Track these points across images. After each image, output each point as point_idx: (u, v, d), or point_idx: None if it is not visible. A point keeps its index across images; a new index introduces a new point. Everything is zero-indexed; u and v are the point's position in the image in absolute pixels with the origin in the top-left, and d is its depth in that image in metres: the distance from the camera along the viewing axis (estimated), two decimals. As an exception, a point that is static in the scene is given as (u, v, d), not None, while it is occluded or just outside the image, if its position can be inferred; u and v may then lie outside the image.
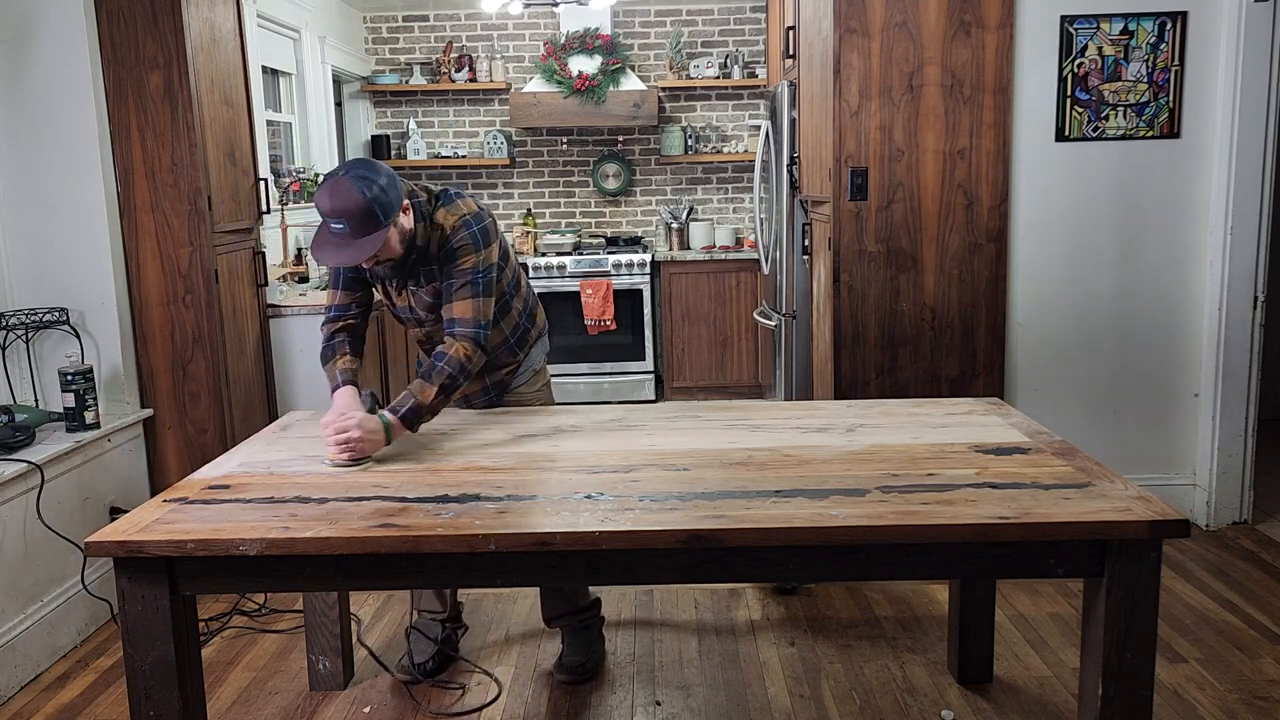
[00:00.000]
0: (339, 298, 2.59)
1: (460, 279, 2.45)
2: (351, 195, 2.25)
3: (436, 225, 2.47)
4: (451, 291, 2.46)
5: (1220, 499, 3.78)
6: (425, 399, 2.35)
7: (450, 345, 2.42)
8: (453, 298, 2.46)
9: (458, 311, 2.45)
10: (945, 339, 3.65)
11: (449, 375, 2.38)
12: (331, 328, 2.58)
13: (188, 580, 1.87)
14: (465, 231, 2.46)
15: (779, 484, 2.03)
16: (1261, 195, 3.62)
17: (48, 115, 3.32)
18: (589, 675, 2.80)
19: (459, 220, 2.46)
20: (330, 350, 2.54)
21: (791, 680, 2.77)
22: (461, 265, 2.45)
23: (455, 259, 2.45)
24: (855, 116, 3.55)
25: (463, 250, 2.45)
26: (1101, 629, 1.84)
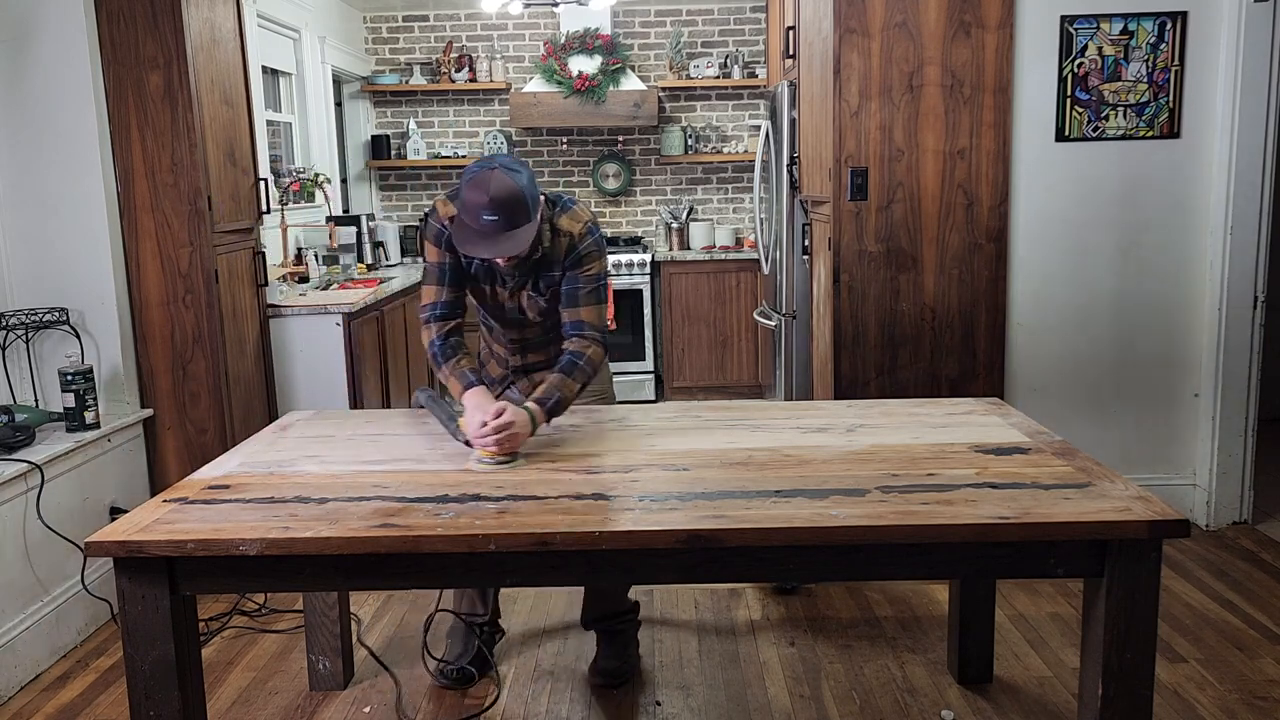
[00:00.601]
0: (445, 294, 2.52)
1: (588, 284, 2.49)
2: (506, 185, 2.23)
3: (562, 231, 2.47)
4: (579, 296, 2.49)
5: (1220, 499, 3.78)
6: (569, 393, 2.39)
7: (586, 346, 2.45)
8: (580, 302, 2.49)
9: (585, 315, 2.49)
10: (945, 339, 3.65)
11: (588, 374, 2.43)
12: (443, 327, 2.51)
13: (188, 580, 1.87)
14: (591, 239, 2.48)
15: (779, 484, 2.03)
16: (1261, 195, 3.62)
17: (48, 115, 3.32)
18: (625, 679, 2.78)
19: (584, 228, 2.48)
20: (450, 350, 2.49)
21: (791, 680, 2.77)
22: (588, 271, 2.49)
23: (582, 265, 2.48)
24: (855, 116, 3.55)
25: (589, 257, 2.48)
26: (1101, 629, 1.84)
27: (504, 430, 2.19)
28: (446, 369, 2.47)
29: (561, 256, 2.48)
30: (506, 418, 2.21)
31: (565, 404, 2.38)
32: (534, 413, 2.29)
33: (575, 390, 2.40)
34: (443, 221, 2.47)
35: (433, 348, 2.50)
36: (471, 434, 2.23)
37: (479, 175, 2.26)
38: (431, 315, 2.53)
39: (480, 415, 2.22)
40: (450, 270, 2.52)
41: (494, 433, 2.18)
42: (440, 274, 2.52)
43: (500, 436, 2.18)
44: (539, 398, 2.34)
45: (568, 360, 2.43)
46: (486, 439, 2.19)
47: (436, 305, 2.52)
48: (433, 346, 2.50)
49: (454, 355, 2.48)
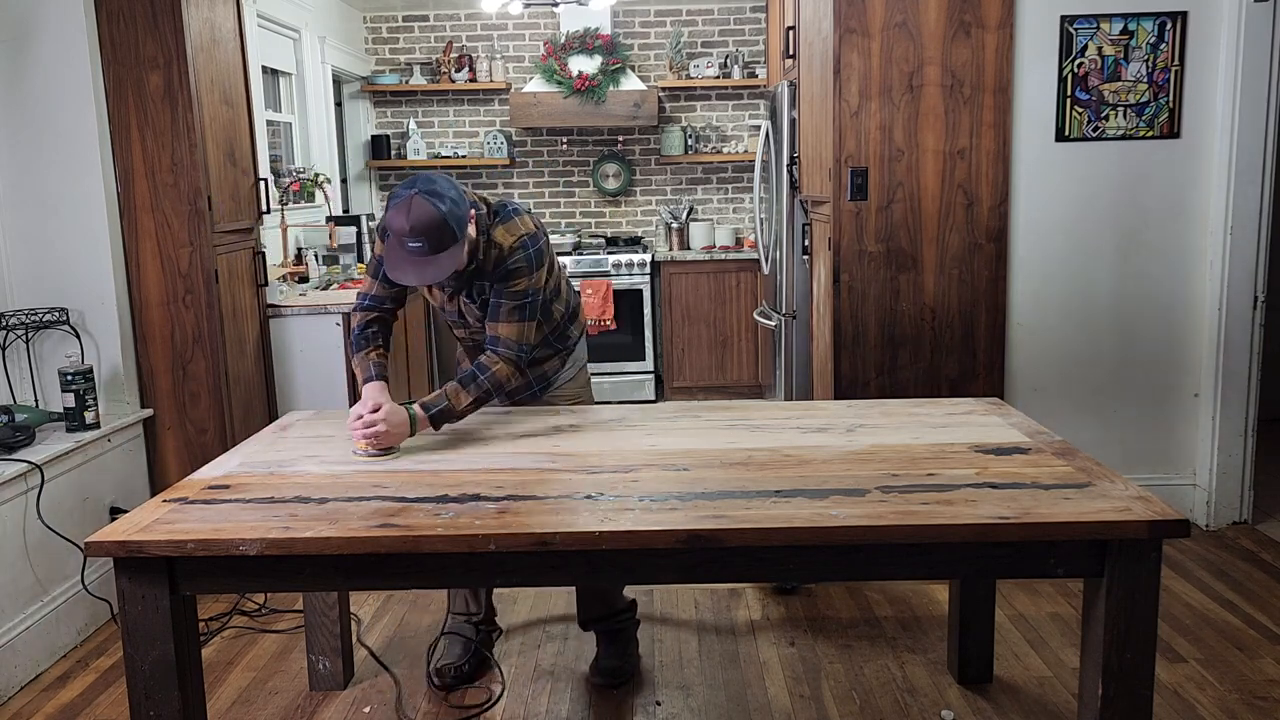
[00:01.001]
0: (377, 288, 2.57)
1: (511, 300, 2.47)
2: (426, 212, 2.25)
3: (495, 243, 2.46)
4: (500, 311, 2.48)
5: (1220, 499, 3.78)
6: (457, 404, 2.41)
7: (494, 362, 2.45)
8: (500, 318, 2.48)
9: (503, 332, 2.48)
10: (945, 339, 3.65)
11: (485, 390, 2.43)
12: (365, 316, 2.58)
13: (188, 580, 1.87)
14: (522, 253, 2.46)
15: (779, 484, 2.03)
16: (1261, 195, 3.62)
17: (48, 115, 3.32)
18: (626, 678, 2.78)
19: (517, 241, 2.47)
20: (364, 341, 2.55)
21: (791, 680, 2.77)
22: (514, 287, 2.47)
23: (509, 280, 2.47)
24: (855, 116, 3.55)
25: (517, 273, 2.46)
26: (1101, 629, 1.84)
27: (372, 427, 2.26)
28: (358, 358, 2.54)
29: (491, 268, 2.48)
30: (378, 415, 2.28)
31: (451, 414, 2.41)
32: (415, 416, 2.34)
33: (465, 403, 2.42)
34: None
35: (354, 334, 2.59)
36: (350, 424, 2.30)
37: (400, 203, 2.28)
38: (359, 305, 2.60)
39: (359, 407, 2.31)
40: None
41: (364, 427, 2.26)
42: (376, 267, 2.57)
43: (369, 433, 2.26)
44: (425, 402, 2.39)
45: (469, 372, 2.45)
46: (357, 432, 2.27)
47: (366, 296, 2.60)
48: (354, 333, 2.59)
49: (367, 346, 2.55)
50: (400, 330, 4.81)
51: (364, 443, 2.28)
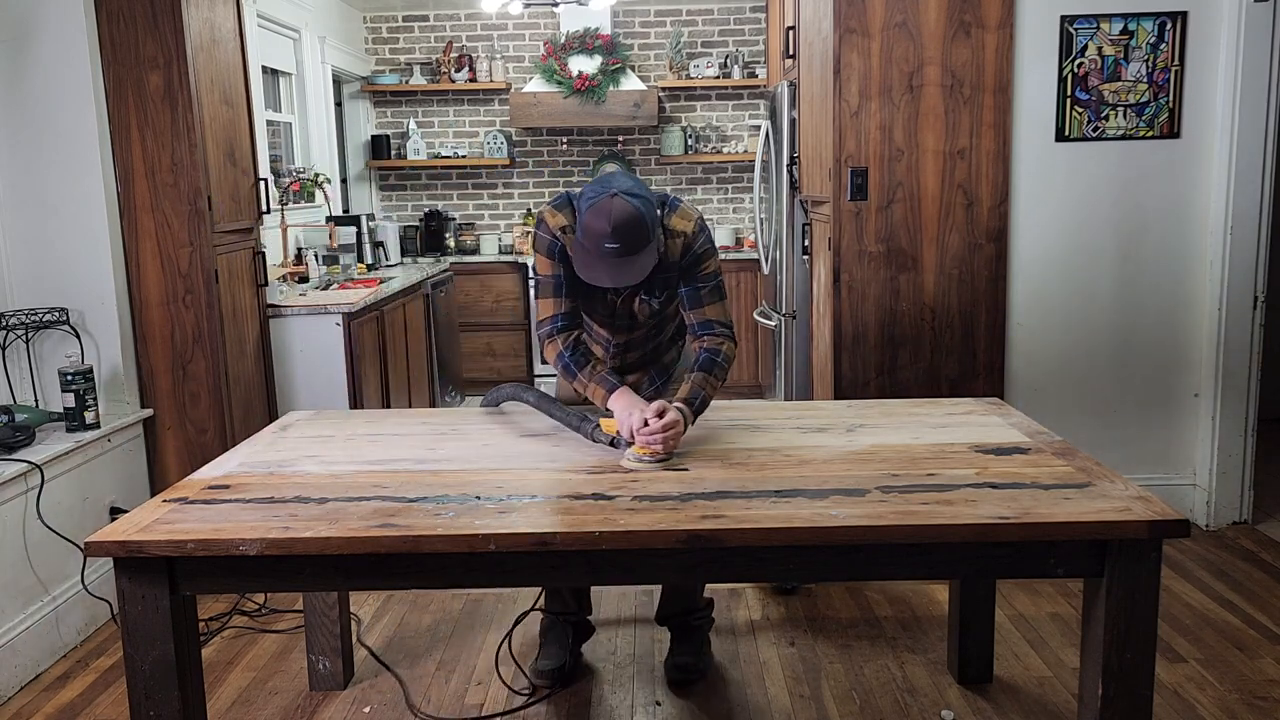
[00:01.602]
0: (565, 305, 2.48)
1: (707, 283, 2.47)
2: (627, 212, 2.22)
3: (675, 232, 2.43)
4: (701, 295, 2.47)
5: (1220, 499, 3.78)
6: (712, 393, 2.39)
7: (720, 342, 2.45)
8: (703, 301, 2.47)
9: (712, 314, 2.47)
10: (945, 339, 3.65)
11: (725, 370, 2.43)
12: (567, 338, 2.47)
13: (188, 580, 1.87)
14: (703, 236, 2.46)
15: (779, 484, 2.03)
16: (1261, 195, 3.62)
17: (48, 115, 3.32)
18: (700, 675, 2.78)
19: (696, 226, 2.45)
20: (581, 359, 2.46)
21: (791, 680, 2.77)
22: (706, 269, 2.46)
23: (700, 263, 2.45)
24: (855, 116, 3.55)
25: (706, 255, 2.46)
26: (1101, 629, 1.84)
27: (671, 429, 2.20)
28: (583, 376, 2.44)
29: (677, 257, 2.44)
30: (671, 417, 2.22)
31: (708, 403, 2.40)
32: (686, 414, 2.30)
33: (716, 388, 2.40)
34: (554, 232, 2.43)
35: (562, 360, 2.47)
36: (634, 432, 2.22)
37: (599, 202, 2.24)
38: (554, 329, 2.49)
39: (640, 414, 2.22)
40: (566, 281, 2.48)
41: (661, 431, 2.19)
42: (556, 286, 2.48)
43: (668, 435, 2.19)
44: (686, 397, 2.34)
45: (706, 358, 2.42)
46: (655, 437, 2.19)
47: (558, 318, 2.49)
48: (562, 359, 2.47)
49: (587, 363, 2.46)
50: (400, 330, 4.82)
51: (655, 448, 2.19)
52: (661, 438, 2.19)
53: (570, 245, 2.39)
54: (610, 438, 2.29)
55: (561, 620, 2.84)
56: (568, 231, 2.40)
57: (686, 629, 2.83)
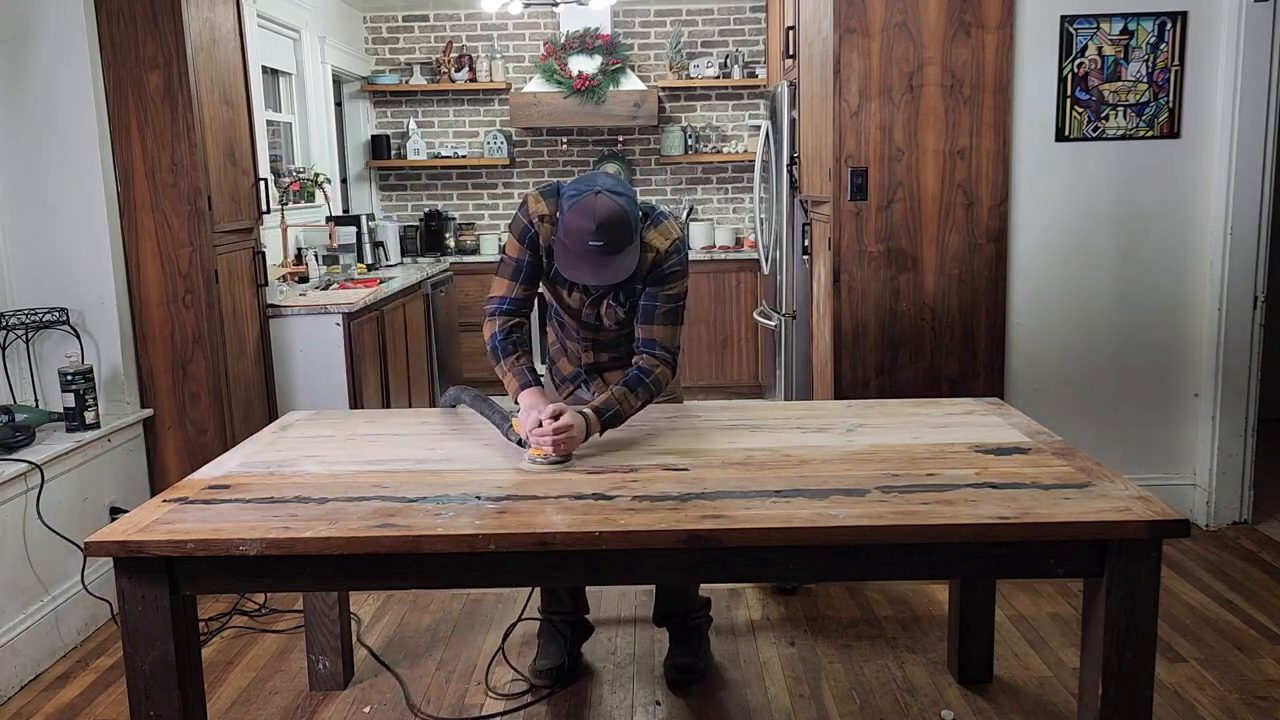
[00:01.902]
0: (517, 290, 2.49)
1: (666, 304, 2.46)
2: (611, 210, 2.23)
3: (650, 246, 2.43)
4: (655, 314, 2.46)
5: (1220, 499, 3.78)
6: (628, 407, 2.37)
7: (654, 365, 2.43)
8: (656, 320, 2.46)
9: (659, 335, 2.46)
10: (945, 339, 3.65)
11: (651, 392, 2.41)
12: (506, 321, 2.48)
13: (188, 580, 1.87)
14: (677, 257, 2.45)
15: (779, 484, 2.03)
16: (1261, 195, 3.62)
17: (48, 115, 3.32)
18: (700, 675, 2.78)
19: (672, 245, 2.44)
20: (510, 346, 2.46)
21: (791, 680, 2.77)
22: (669, 290, 2.45)
23: (665, 283, 2.45)
24: (855, 116, 3.55)
25: (673, 276, 2.45)
26: (1101, 629, 1.84)
27: (562, 433, 2.19)
28: (505, 364, 2.45)
29: (645, 271, 2.44)
30: (565, 420, 2.20)
31: (623, 418, 2.37)
32: (590, 420, 2.28)
33: (635, 406, 2.39)
34: (532, 218, 2.44)
35: (493, 341, 2.48)
36: (527, 433, 2.22)
37: (583, 200, 2.24)
38: (498, 309, 2.49)
39: (536, 415, 2.22)
40: (528, 267, 2.48)
41: (552, 434, 2.18)
42: (516, 270, 2.49)
43: (558, 439, 2.18)
44: (598, 407, 2.33)
45: (634, 375, 2.41)
46: (545, 439, 2.18)
47: (505, 300, 2.49)
48: (494, 340, 2.48)
49: (514, 352, 2.46)
50: (400, 330, 4.82)
51: (545, 450, 2.19)
52: (552, 440, 2.18)
53: (545, 235, 2.41)
54: (519, 437, 2.29)
55: (559, 620, 2.84)
56: (545, 220, 2.41)
57: (685, 629, 2.82)
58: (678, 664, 2.78)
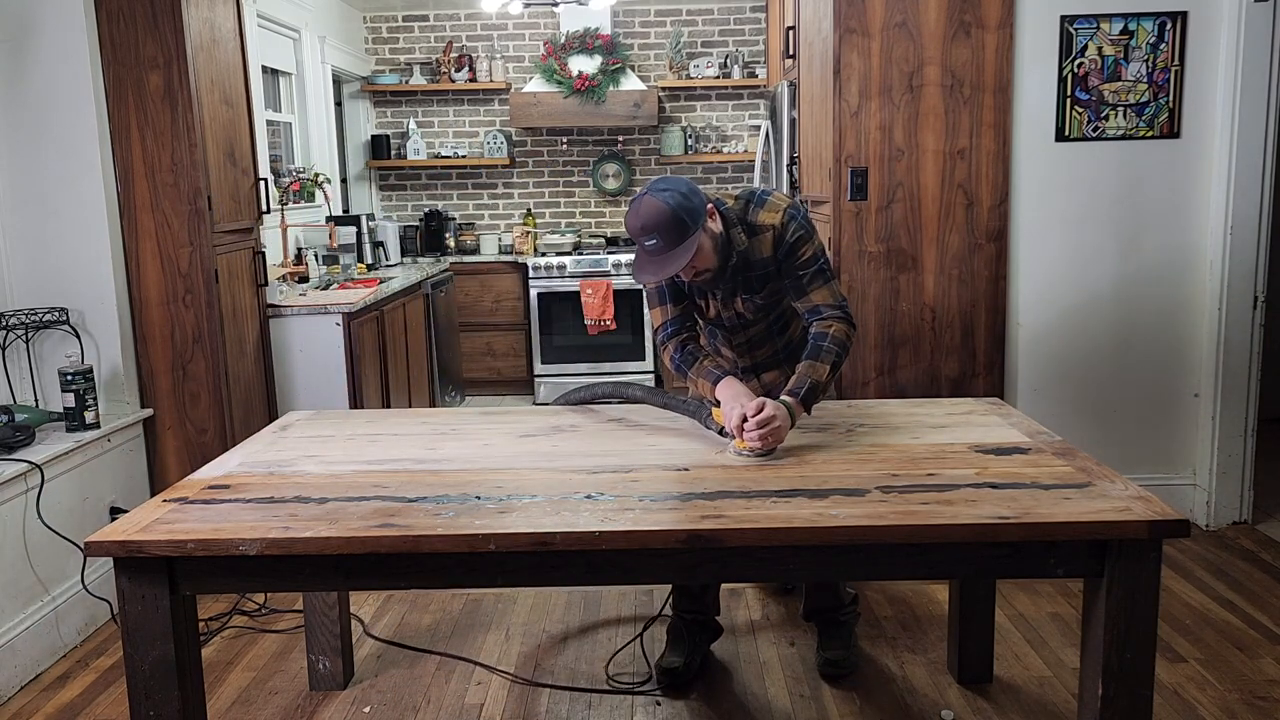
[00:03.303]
0: (671, 311, 2.56)
1: (807, 269, 2.46)
2: (656, 208, 2.27)
3: (763, 227, 2.45)
4: (804, 283, 2.47)
5: (1220, 499, 3.78)
6: (820, 378, 2.37)
7: (828, 325, 2.43)
8: (807, 288, 2.47)
9: (818, 298, 2.47)
10: (945, 339, 3.65)
11: (836, 353, 2.41)
12: (679, 340, 2.54)
13: (188, 580, 1.87)
14: (794, 223, 2.46)
15: (779, 484, 2.03)
16: (1261, 195, 3.62)
17: (48, 115, 3.32)
18: (852, 669, 2.79)
19: (785, 215, 2.46)
20: (690, 357, 2.51)
21: (791, 680, 2.77)
22: (803, 256, 2.46)
23: (796, 251, 2.46)
24: (855, 116, 3.55)
25: (800, 241, 2.46)
26: (1101, 629, 1.84)
27: (767, 425, 2.19)
28: (692, 373, 2.49)
29: (770, 251, 2.46)
30: (768, 412, 2.21)
31: (818, 389, 2.37)
32: (790, 405, 2.29)
33: (825, 373, 2.38)
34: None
35: (674, 361, 2.54)
36: (733, 427, 2.23)
37: (633, 206, 2.32)
38: (665, 336, 2.57)
39: (740, 409, 2.23)
40: (669, 289, 2.55)
41: (757, 427, 2.19)
42: (660, 296, 2.57)
43: (764, 431, 2.19)
44: (791, 389, 2.34)
45: (811, 345, 2.42)
46: (751, 433, 2.19)
47: (668, 324, 2.57)
48: (674, 360, 2.53)
49: (695, 360, 2.50)
50: (400, 330, 4.82)
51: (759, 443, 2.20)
52: (759, 434, 2.19)
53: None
54: (719, 427, 2.32)
55: (688, 619, 2.83)
56: None
57: (834, 624, 2.85)
58: (831, 659, 2.78)
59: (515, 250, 6.50)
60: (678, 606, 2.86)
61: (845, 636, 2.84)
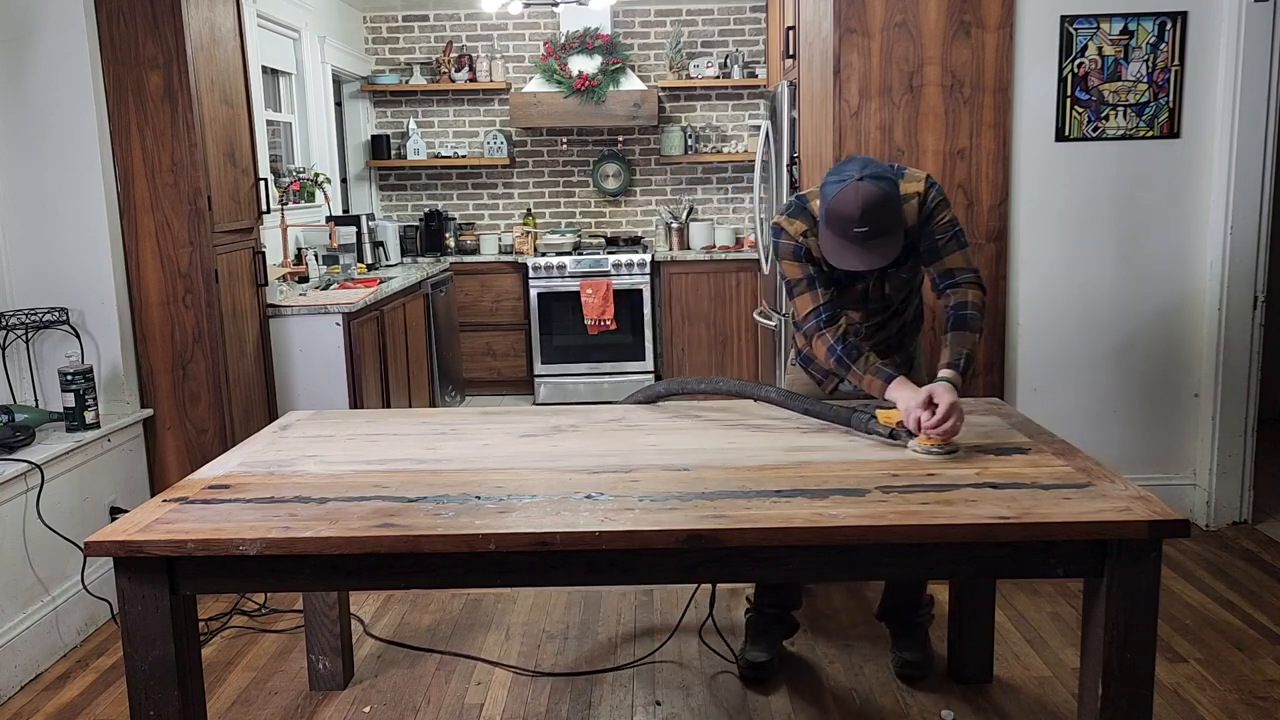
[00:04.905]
0: (823, 297, 2.50)
1: (944, 234, 2.47)
2: (873, 195, 2.26)
3: (908, 196, 2.45)
4: (939, 248, 2.47)
5: (1220, 499, 3.78)
6: (973, 348, 2.38)
7: (964, 293, 2.44)
8: (942, 253, 2.47)
9: (952, 263, 2.47)
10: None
11: (978, 318, 2.42)
12: (836, 329, 2.49)
13: (188, 580, 1.87)
14: (933, 190, 2.47)
15: (779, 484, 2.03)
16: (1261, 195, 3.62)
17: (48, 115, 3.32)
18: (929, 671, 2.78)
19: (925, 184, 2.47)
20: (854, 351, 2.46)
21: (792, 680, 2.77)
22: (941, 220, 2.47)
23: (934, 218, 2.46)
24: (855, 116, 3.55)
25: (939, 207, 2.47)
26: (1101, 629, 1.84)
27: (951, 414, 2.18)
28: (858, 369, 2.45)
29: (915, 219, 2.46)
30: (943, 407, 2.19)
31: (973, 360, 2.38)
32: (952, 380, 2.29)
33: (975, 339, 2.40)
34: (795, 239, 2.50)
35: (834, 353, 2.48)
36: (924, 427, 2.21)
37: (845, 189, 2.28)
38: (818, 323, 2.51)
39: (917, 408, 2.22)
40: (818, 278, 2.52)
41: (942, 420, 2.18)
42: (810, 281, 2.52)
43: (952, 421, 2.18)
44: (949, 361, 2.34)
45: (955, 315, 2.42)
46: (945, 429, 2.18)
47: (820, 310, 2.51)
48: (833, 352, 2.48)
49: (859, 354, 2.47)
50: (400, 330, 4.82)
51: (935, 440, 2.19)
52: (944, 428, 2.18)
53: (814, 247, 2.45)
54: (890, 430, 2.30)
55: (771, 612, 2.84)
56: (808, 235, 2.47)
57: (910, 626, 2.84)
58: (909, 660, 2.77)
59: (515, 250, 6.50)
60: (759, 601, 2.86)
61: (920, 638, 2.83)
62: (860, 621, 3.10)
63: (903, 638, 2.84)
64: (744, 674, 2.78)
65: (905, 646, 2.81)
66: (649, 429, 2.49)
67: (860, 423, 2.35)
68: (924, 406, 2.21)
